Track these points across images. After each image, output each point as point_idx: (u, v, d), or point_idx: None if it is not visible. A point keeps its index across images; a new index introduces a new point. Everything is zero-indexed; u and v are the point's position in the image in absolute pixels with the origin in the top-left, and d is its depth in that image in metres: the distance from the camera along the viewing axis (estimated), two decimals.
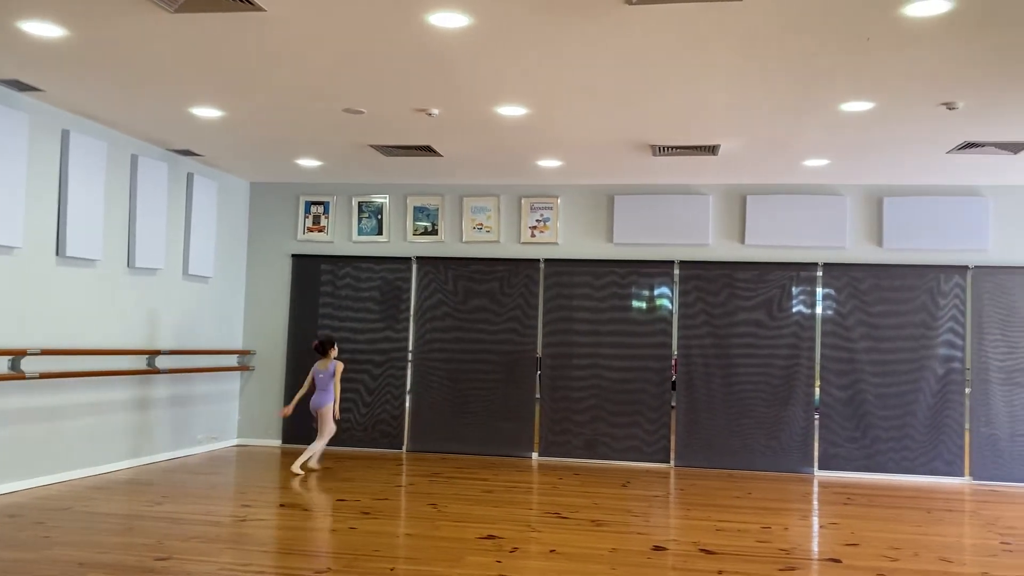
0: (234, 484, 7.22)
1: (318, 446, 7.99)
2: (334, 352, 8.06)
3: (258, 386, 9.54)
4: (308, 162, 8.52)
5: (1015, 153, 7.15)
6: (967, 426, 8.37)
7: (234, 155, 8.33)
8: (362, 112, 6.56)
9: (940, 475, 8.34)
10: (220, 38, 5.04)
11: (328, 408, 7.94)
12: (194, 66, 5.59)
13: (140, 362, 7.85)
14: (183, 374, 8.46)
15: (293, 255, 9.58)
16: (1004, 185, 8.43)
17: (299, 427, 9.39)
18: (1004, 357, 8.35)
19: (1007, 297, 8.37)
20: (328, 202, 9.54)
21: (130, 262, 7.68)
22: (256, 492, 6.78)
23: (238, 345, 9.55)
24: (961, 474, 8.34)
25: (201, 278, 8.82)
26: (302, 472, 7.72)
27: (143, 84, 6.05)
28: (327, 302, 9.48)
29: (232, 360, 9.40)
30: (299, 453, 9.07)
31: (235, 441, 9.49)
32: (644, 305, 8.97)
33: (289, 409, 8.22)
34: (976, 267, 8.43)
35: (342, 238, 9.54)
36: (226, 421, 9.37)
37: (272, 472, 7.84)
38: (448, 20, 4.65)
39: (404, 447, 9.24)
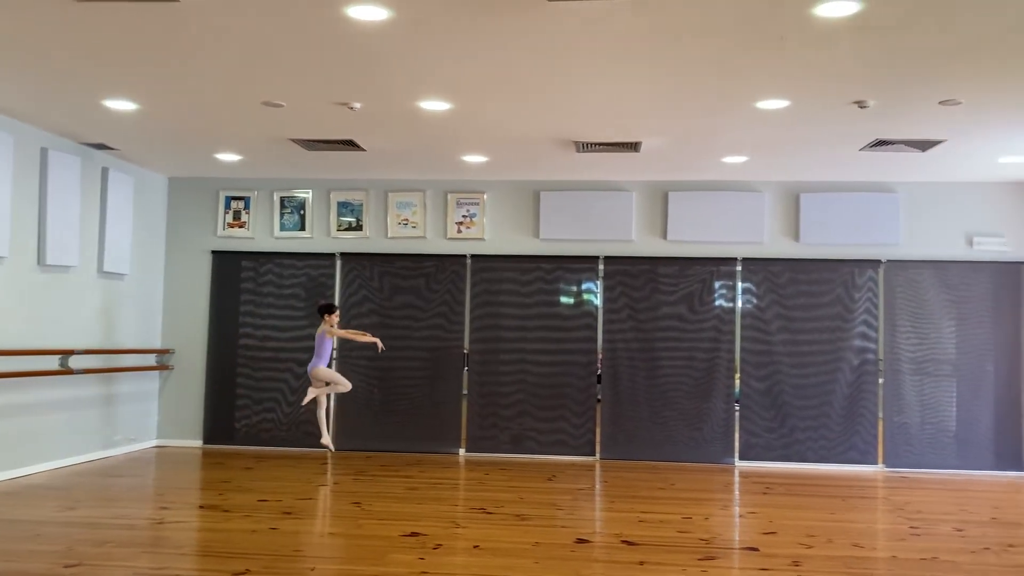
0: (152, 486, 7.04)
1: (319, 413, 8.27)
2: (328, 319, 8.17)
3: (178, 385, 9.32)
4: (228, 156, 8.35)
5: (924, 151, 7.40)
6: (880, 415, 8.65)
7: (151, 149, 8.12)
8: (281, 105, 6.45)
9: (855, 463, 8.60)
10: (131, 28, 4.90)
11: (316, 369, 8.15)
12: (105, 57, 5.42)
13: (52, 363, 7.58)
14: (99, 374, 8.21)
15: (213, 251, 9.38)
16: (914, 181, 8.72)
17: (221, 427, 9.22)
18: (915, 348, 8.64)
19: (917, 290, 8.67)
20: (249, 197, 9.36)
21: (40, 259, 7.42)
22: (175, 494, 6.63)
23: (157, 344, 9.32)
24: (875, 462, 8.61)
25: (117, 275, 8.57)
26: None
27: (52, 76, 5.84)
28: (249, 299, 9.31)
29: (150, 359, 9.16)
30: (221, 453, 8.91)
31: (155, 442, 9.25)
32: (570, 300, 9.04)
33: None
34: (888, 261, 8.71)
35: (264, 234, 9.38)
36: (145, 422, 9.13)
37: (192, 473, 7.67)
38: (367, 13, 4.60)
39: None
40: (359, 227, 9.23)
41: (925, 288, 8.66)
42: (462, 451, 8.99)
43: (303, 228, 9.30)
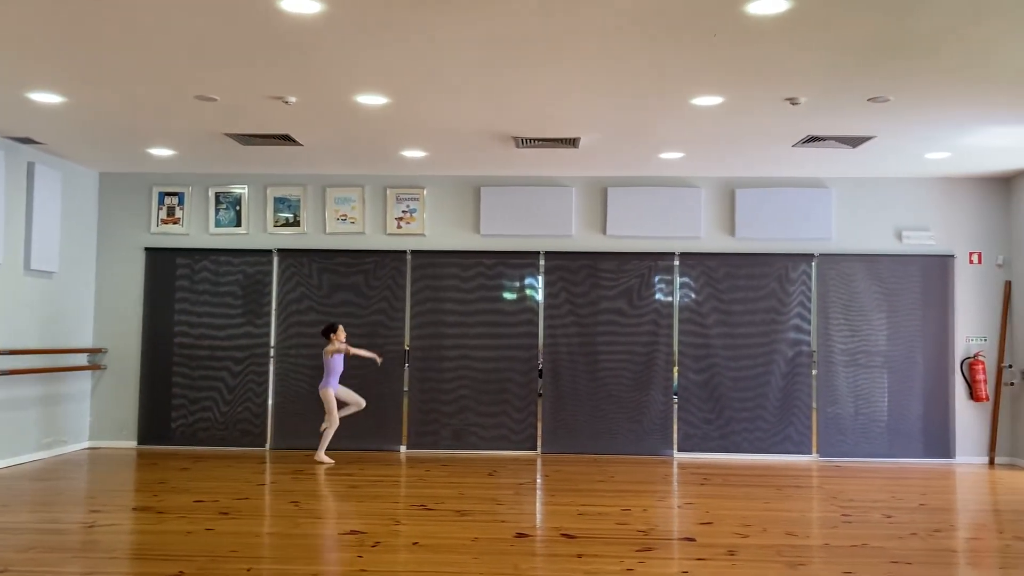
0: (83, 489, 6.87)
1: (327, 432, 8.28)
2: (334, 337, 8.26)
3: (111, 385, 9.11)
4: (160, 151, 8.17)
5: (854, 147, 7.57)
6: (814, 406, 8.84)
7: (80, 143, 7.91)
8: (215, 99, 6.33)
9: (790, 453, 8.78)
10: (56, 18, 4.76)
11: (323, 392, 8.23)
12: (28, 48, 5.26)
13: None
14: (27, 375, 7.98)
15: (147, 248, 9.18)
16: (846, 177, 8.91)
17: (156, 427, 9.04)
18: (847, 340, 8.85)
19: (849, 283, 8.87)
20: (183, 193, 9.18)
21: None
22: (107, 496, 6.48)
23: (88, 343, 9.09)
24: (809, 451, 8.80)
25: (45, 273, 8.33)
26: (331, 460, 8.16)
27: None
28: (184, 297, 9.14)
29: (82, 359, 8.93)
30: (156, 454, 8.76)
31: (87, 444, 9.03)
32: (511, 296, 9.05)
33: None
34: (821, 255, 8.90)
35: (199, 230, 9.20)
36: (77, 423, 8.90)
37: (126, 474, 7.50)
38: (300, 6, 4.55)
39: (267, 445, 9.02)
40: (296, 223, 9.12)
41: (856, 281, 8.87)
42: (403, 448, 8.95)
43: (239, 224, 9.15)
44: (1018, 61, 5.28)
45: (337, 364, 8.27)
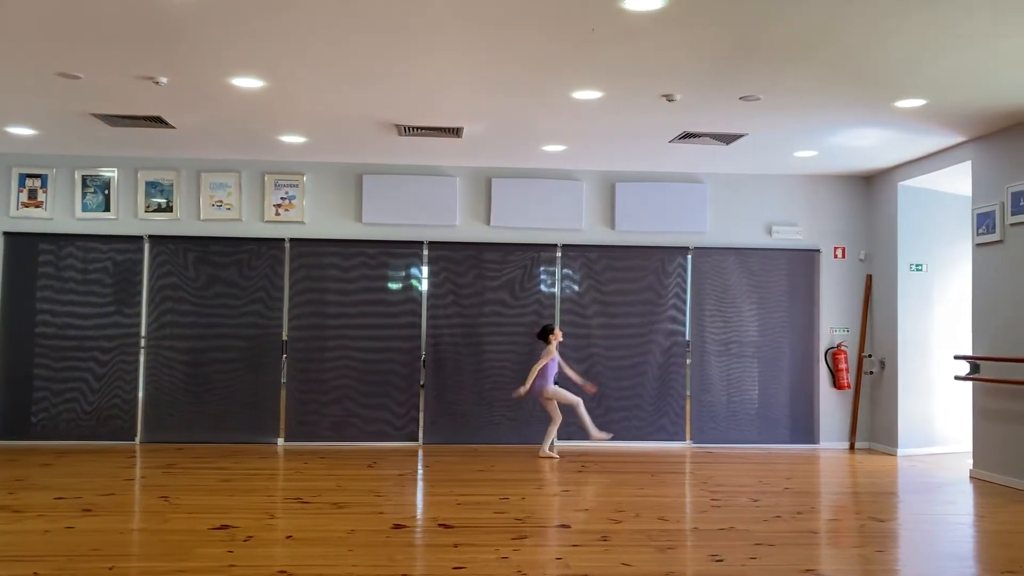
0: None
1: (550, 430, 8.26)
2: (552, 338, 8.20)
3: None
4: (20, 130, 7.73)
5: (727, 144, 7.82)
6: (688, 394, 9.12)
7: None
8: (79, 77, 6.03)
9: (666, 440, 9.03)
10: None
11: (546, 390, 8.17)
12: None
13: None
14: None
15: (5, 233, 8.68)
16: (720, 173, 9.21)
17: (15, 421, 8.56)
18: (720, 330, 9.15)
19: (722, 276, 9.18)
20: (47, 175, 8.71)
21: None
22: None
23: None
24: (683, 439, 9.07)
25: None
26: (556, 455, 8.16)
27: None
28: (47, 284, 8.68)
29: None
30: (14, 450, 8.35)
31: None
32: (395, 285, 8.97)
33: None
34: (696, 248, 9.17)
35: (64, 214, 8.76)
36: None
37: None
38: None
39: (137, 438, 8.68)
40: (169, 208, 8.79)
41: (729, 274, 9.18)
42: (281, 440, 8.77)
43: (108, 209, 8.75)
44: (879, 66, 5.56)
45: (551, 366, 8.18)
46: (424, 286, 8.99)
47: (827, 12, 4.66)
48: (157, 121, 7.27)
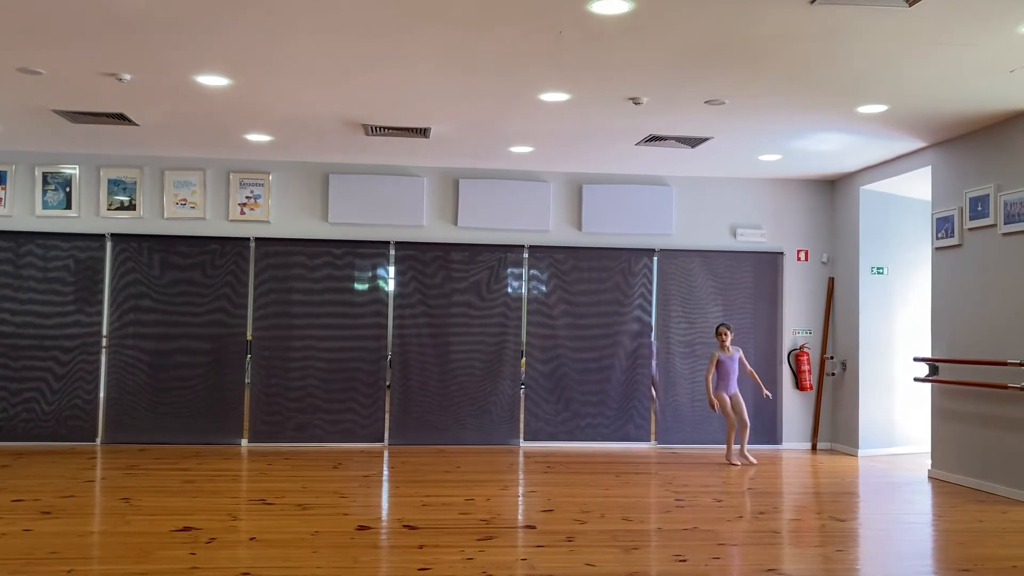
0: None
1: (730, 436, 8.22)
2: (723, 338, 8.23)
3: None
4: None
5: (693, 147, 7.89)
6: (654, 395, 9.17)
7: None
8: (40, 73, 5.93)
9: (631, 441, 9.08)
10: None
11: (719, 395, 8.20)
12: None
13: None
14: None
15: None
16: (685, 176, 9.28)
17: None
18: (685, 331, 9.22)
19: (687, 277, 9.25)
20: (5, 172, 8.56)
21: None
22: None
23: None
24: (648, 439, 9.13)
25: None
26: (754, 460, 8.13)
27: None
28: (6, 283, 8.53)
29: None
30: None
31: None
32: (361, 286, 8.94)
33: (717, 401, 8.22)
34: (662, 250, 9.23)
35: (24, 212, 8.62)
36: None
37: None
38: None
39: (98, 439, 8.56)
40: (132, 206, 8.68)
41: (694, 275, 9.26)
42: (244, 441, 8.70)
43: (69, 207, 8.63)
44: (841, 72, 5.64)
45: (724, 368, 8.20)
46: (391, 286, 8.97)
47: (791, 18, 4.72)
48: (120, 118, 7.18)
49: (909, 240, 9.01)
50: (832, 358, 9.32)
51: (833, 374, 9.29)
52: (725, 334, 8.23)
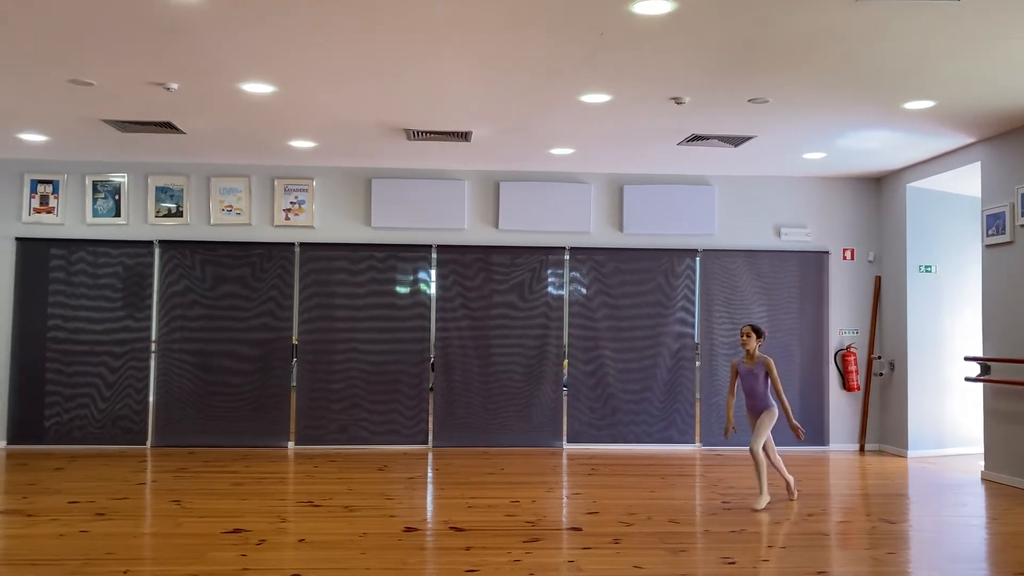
0: None
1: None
2: (745, 342, 6.39)
3: None
4: (32, 136, 7.78)
5: (736, 146, 7.82)
6: (697, 396, 9.11)
7: None
8: (91, 84, 6.07)
9: (675, 443, 9.03)
10: None
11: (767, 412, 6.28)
12: None
13: None
14: None
15: (17, 239, 8.73)
16: (728, 175, 9.21)
17: (28, 426, 8.60)
18: (728, 332, 9.15)
19: (731, 278, 9.18)
20: (58, 181, 8.76)
21: None
22: None
23: None
24: (692, 441, 9.06)
25: None
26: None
27: None
28: (59, 290, 8.73)
29: None
30: (27, 454, 8.38)
31: None
32: (403, 289, 9.00)
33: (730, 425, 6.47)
34: (704, 250, 9.17)
35: (75, 220, 8.81)
36: None
37: None
38: None
39: (148, 443, 8.72)
40: (179, 213, 8.83)
41: (738, 276, 9.18)
42: (291, 444, 8.80)
43: (118, 214, 8.80)
44: (887, 68, 5.56)
45: (747, 379, 6.38)
46: (433, 289, 9.01)
47: (835, 14, 4.67)
48: (167, 126, 7.31)
49: (958, 237, 8.85)
50: (880, 358, 9.18)
51: (881, 374, 9.15)
52: (749, 335, 6.39)
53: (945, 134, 7.34)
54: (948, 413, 8.79)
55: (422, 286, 9.01)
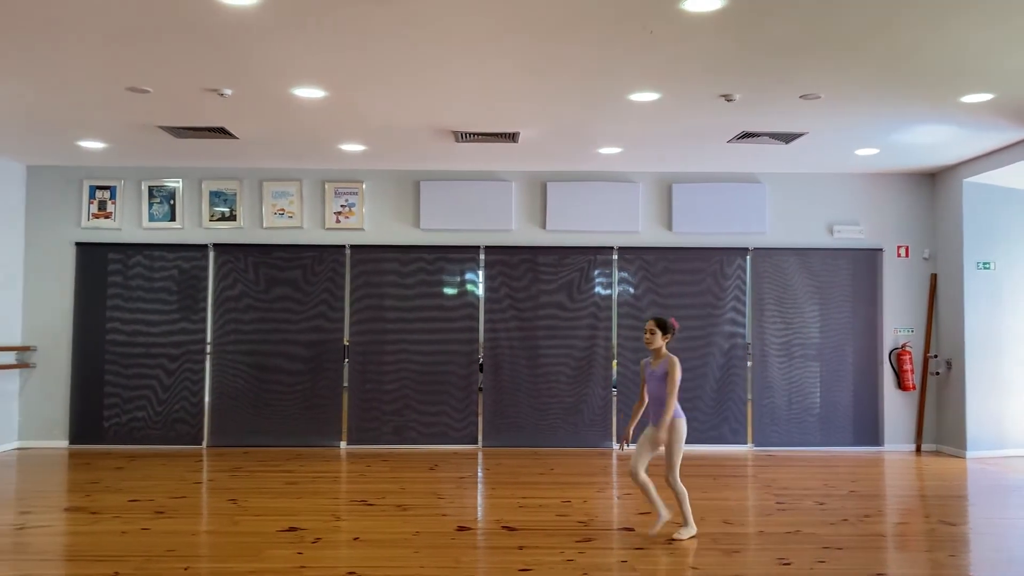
0: (13, 490, 6.68)
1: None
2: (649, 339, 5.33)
3: (41, 384, 8.87)
4: (91, 144, 7.97)
5: (787, 143, 7.73)
6: (749, 397, 9.02)
7: (5, 135, 7.67)
8: (147, 91, 6.20)
9: (727, 443, 8.95)
10: None
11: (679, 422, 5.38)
12: None
13: None
14: None
15: (77, 243, 8.95)
16: (779, 172, 9.10)
17: (89, 427, 8.82)
18: (780, 332, 9.04)
19: (782, 277, 9.07)
20: (115, 186, 8.97)
21: None
22: (37, 497, 6.31)
23: (16, 341, 8.83)
24: (745, 441, 8.98)
25: None
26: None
27: None
28: (116, 293, 8.94)
29: (10, 357, 8.68)
30: (89, 454, 8.57)
31: (16, 444, 8.78)
32: (452, 290, 9.05)
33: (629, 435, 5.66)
34: (755, 249, 9.07)
35: (131, 225, 9.01)
36: (5, 423, 8.65)
37: (57, 475, 7.32)
38: None
39: (204, 443, 8.88)
40: (233, 217, 8.98)
41: (789, 274, 9.07)
42: (343, 444, 8.90)
43: (173, 218, 8.98)
44: (943, 61, 5.46)
45: (648, 381, 5.44)
46: (481, 290, 9.05)
47: (888, 6, 4.59)
48: (221, 132, 7.44)
49: (1017, 233, 8.65)
50: (936, 357, 9.00)
51: (938, 373, 8.98)
52: (653, 332, 5.28)
53: (1004, 127, 7.18)
54: (1008, 413, 8.59)
55: (470, 287, 9.05)
